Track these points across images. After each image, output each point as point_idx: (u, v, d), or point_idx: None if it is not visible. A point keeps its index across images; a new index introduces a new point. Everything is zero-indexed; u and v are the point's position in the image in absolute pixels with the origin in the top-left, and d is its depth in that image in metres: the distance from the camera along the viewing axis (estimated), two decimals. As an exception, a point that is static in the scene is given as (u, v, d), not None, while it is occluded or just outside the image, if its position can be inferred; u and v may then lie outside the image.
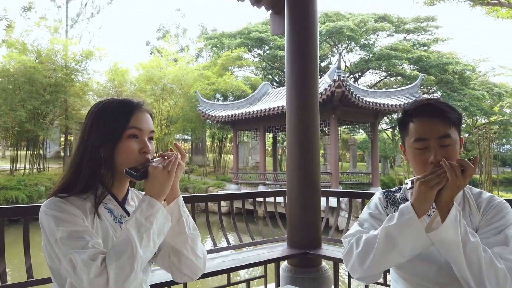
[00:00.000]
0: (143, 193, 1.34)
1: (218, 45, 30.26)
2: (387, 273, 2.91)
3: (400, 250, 1.12)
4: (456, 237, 1.09)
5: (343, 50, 28.42)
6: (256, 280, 3.42)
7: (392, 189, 1.42)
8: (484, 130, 18.09)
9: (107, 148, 1.13)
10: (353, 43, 27.74)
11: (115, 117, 1.15)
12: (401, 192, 1.38)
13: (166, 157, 1.15)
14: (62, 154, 23.56)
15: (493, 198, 1.29)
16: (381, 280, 4.12)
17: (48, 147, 20.40)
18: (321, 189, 3.45)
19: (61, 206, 1.07)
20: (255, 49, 30.09)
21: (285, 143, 30.05)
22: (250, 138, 19.93)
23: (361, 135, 29.92)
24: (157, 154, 1.19)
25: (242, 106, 17.56)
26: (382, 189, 1.47)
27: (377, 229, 1.23)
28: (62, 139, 24.81)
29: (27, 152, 18.43)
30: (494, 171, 18.64)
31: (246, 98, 18.44)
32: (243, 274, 5.77)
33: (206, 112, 17.53)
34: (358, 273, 1.19)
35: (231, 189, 17.40)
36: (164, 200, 1.17)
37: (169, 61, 24.31)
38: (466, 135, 28.49)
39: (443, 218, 1.11)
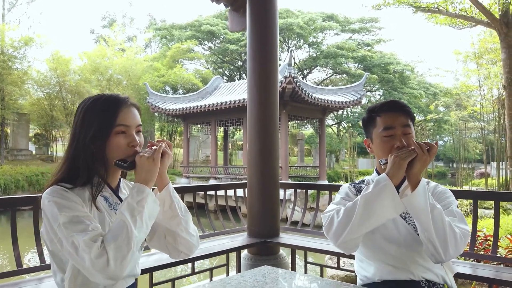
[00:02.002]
0: (130, 182, 1.44)
1: (167, 37, 29.67)
2: (340, 257, 3.17)
3: (377, 214, 1.32)
4: (425, 203, 1.32)
5: (292, 47, 29.04)
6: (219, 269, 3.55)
7: (357, 181, 1.65)
8: (420, 127, 19.46)
9: (98, 144, 1.22)
10: (302, 40, 28.46)
11: (103, 115, 1.22)
12: (365, 183, 1.60)
13: (153, 147, 1.25)
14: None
15: (438, 185, 1.57)
16: (335, 264, 4.41)
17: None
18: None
19: (62, 194, 1.15)
20: (206, 42, 29.88)
21: (235, 137, 30.22)
22: (201, 132, 19.85)
23: (308, 130, 30.83)
24: (148, 145, 1.29)
25: (194, 99, 17.44)
26: (329, 182, 1.69)
27: None
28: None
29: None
30: (429, 165, 20.06)
31: (197, 92, 18.33)
32: (207, 263, 5.88)
33: (156, 104, 17.21)
34: (340, 239, 1.36)
35: (181, 183, 17.28)
36: (155, 188, 1.29)
37: (116, 51, 23.46)
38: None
39: (413, 187, 1.33)
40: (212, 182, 16.04)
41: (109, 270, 1.05)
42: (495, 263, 3.02)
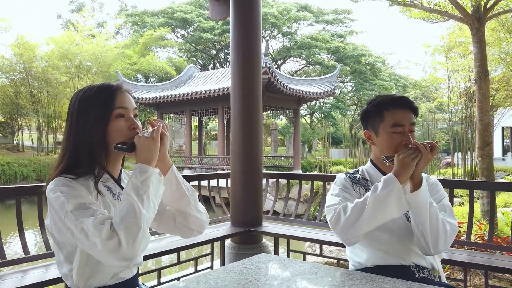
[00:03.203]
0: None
1: (139, 23, 28.92)
2: (323, 245, 3.26)
3: (385, 214, 1.38)
4: (426, 200, 1.39)
5: (267, 36, 28.98)
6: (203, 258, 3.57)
7: (351, 171, 1.69)
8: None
9: (98, 131, 1.21)
10: (276, 30, 28.43)
11: (100, 101, 1.22)
12: (359, 173, 1.65)
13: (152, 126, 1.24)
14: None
15: (429, 177, 1.62)
16: (314, 251, 4.51)
17: None
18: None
19: (68, 184, 1.14)
20: (179, 30, 29.35)
21: (209, 126, 30.03)
22: (174, 121, 19.61)
23: (281, 120, 31.03)
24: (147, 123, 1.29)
25: (167, 88, 17.18)
26: (302, 172, 1.74)
27: (349, 199, 1.48)
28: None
29: None
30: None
31: (171, 81, 18.06)
32: (192, 252, 5.89)
33: (129, 93, 16.83)
34: (347, 235, 1.42)
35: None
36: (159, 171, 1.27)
37: (85, 37, 22.68)
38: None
39: (416, 185, 1.39)
40: (186, 172, 15.94)
41: (122, 251, 1.04)
42: (467, 248, 3.18)
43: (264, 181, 3.75)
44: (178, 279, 3.06)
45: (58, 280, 2.04)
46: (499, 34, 10.64)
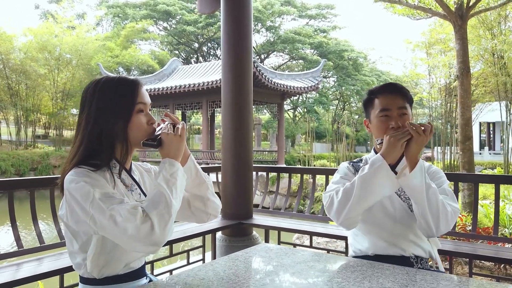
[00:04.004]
0: (143, 163, 1.46)
1: (120, 15, 28.44)
2: (313, 236, 3.33)
3: (374, 193, 1.43)
4: (421, 183, 1.43)
5: (250, 30, 28.89)
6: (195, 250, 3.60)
7: (355, 160, 1.74)
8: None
9: (121, 124, 1.22)
10: (260, 24, 28.38)
11: (122, 94, 1.24)
12: (363, 162, 1.70)
13: (165, 122, 1.28)
14: None
15: (431, 165, 1.69)
16: (303, 243, 4.59)
17: None
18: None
19: (89, 175, 1.15)
20: (161, 23, 28.99)
21: (192, 120, 29.84)
22: (158, 115, 19.42)
23: (265, 115, 31.11)
24: (163, 117, 1.33)
25: (151, 81, 16.99)
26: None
27: None
28: None
29: None
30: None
31: (154, 74, 17.86)
32: (183, 245, 5.91)
33: (111, 86, 16.56)
34: (341, 217, 1.46)
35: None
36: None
37: (65, 29, 22.16)
38: (356, 117, 31.52)
39: (411, 168, 1.43)
40: (170, 166, 15.81)
41: (154, 236, 1.07)
42: (450, 238, 3.31)
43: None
44: (170, 272, 3.09)
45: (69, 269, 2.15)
46: (479, 31, 10.92)
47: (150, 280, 1.35)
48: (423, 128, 1.44)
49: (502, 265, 3.94)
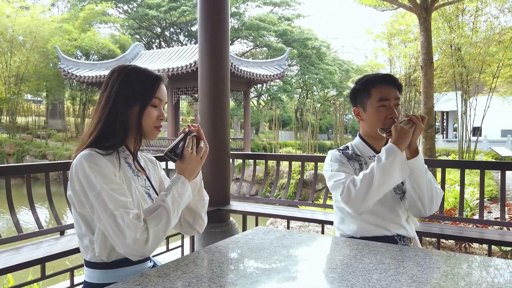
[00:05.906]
0: (147, 154, 1.47)
1: (77, -4, 27.12)
2: (290, 220, 3.43)
3: (391, 180, 1.52)
4: (423, 165, 1.58)
5: (214, 16, 28.49)
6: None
7: (341, 148, 1.80)
8: (332, 102, 20.77)
9: (136, 110, 1.26)
10: (224, 10, 28.00)
11: (144, 85, 1.28)
12: (350, 149, 1.76)
13: (192, 136, 1.31)
14: None
15: None
16: (281, 228, 4.66)
17: None
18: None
19: (98, 162, 1.16)
20: (122, 5, 27.96)
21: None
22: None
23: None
24: (188, 124, 1.35)
25: (112, 67, 16.36)
26: None
27: (349, 173, 1.59)
28: None
29: None
30: (340, 137, 21.73)
31: (116, 59, 17.31)
32: None
33: (69, 71, 15.90)
34: (361, 206, 1.52)
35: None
36: None
37: (18, 9, 20.88)
38: (319, 105, 32.09)
39: (413, 153, 1.57)
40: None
41: (145, 249, 1.13)
42: (418, 219, 3.51)
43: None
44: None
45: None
46: (438, 23, 11.39)
47: (154, 264, 1.37)
48: (421, 118, 1.58)
49: (463, 244, 4.24)
